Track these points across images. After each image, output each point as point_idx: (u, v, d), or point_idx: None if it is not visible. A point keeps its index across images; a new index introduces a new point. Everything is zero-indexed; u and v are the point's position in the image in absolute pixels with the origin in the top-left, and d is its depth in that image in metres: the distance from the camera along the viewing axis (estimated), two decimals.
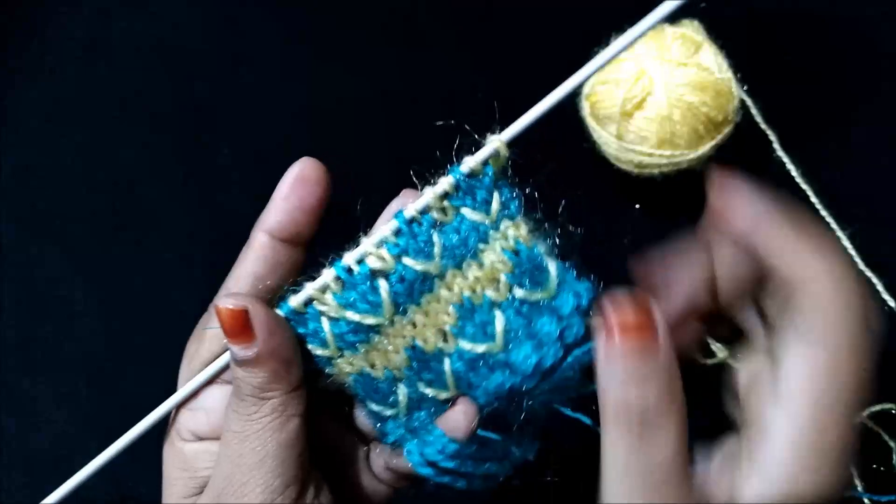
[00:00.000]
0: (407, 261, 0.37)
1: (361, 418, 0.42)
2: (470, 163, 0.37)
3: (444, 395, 0.38)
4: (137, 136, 0.77)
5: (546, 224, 0.39)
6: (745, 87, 0.70)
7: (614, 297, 0.33)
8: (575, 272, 0.39)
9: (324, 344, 0.38)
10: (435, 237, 0.37)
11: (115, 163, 0.76)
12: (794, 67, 0.74)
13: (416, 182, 0.38)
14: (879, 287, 0.65)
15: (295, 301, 0.37)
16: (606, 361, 0.32)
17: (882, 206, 0.69)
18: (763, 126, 0.72)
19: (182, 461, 0.40)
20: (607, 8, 0.76)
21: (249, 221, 0.77)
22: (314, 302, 0.37)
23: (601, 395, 0.32)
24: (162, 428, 0.42)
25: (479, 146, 0.38)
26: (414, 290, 0.37)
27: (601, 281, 0.39)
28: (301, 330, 0.38)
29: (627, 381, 0.31)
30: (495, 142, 0.37)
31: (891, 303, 0.65)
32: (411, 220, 0.37)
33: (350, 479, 0.43)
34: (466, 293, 0.38)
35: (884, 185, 0.70)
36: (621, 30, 0.66)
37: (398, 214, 0.37)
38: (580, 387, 0.38)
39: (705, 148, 0.64)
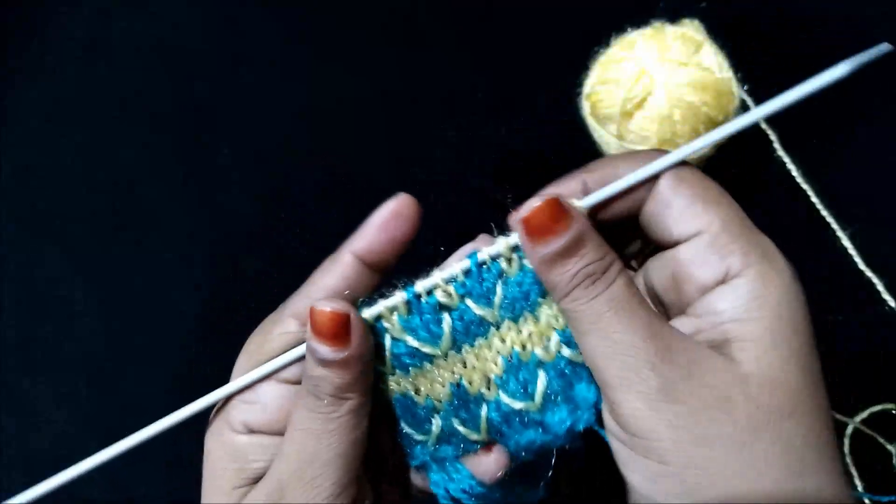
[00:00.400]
0: (469, 303, 0.39)
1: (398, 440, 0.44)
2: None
3: (474, 437, 0.40)
4: (137, 136, 0.77)
5: None
6: (745, 87, 0.70)
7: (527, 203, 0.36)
8: None
9: (381, 359, 0.40)
10: (499, 287, 0.39)
11: (115, 163, 0.76)
12: (794, 67, 0.74)
13: (492, 226, 0.40)
14: (880, 287, 0.65)
15: (367, 314, 0.39)
16: (528, 256, 0.37)
17: (882, 206, 0.69)
18: (763, 126, 0.72)
19: (233, 452, 0.40)
20: (607, 8, 0.76)
21: (249, 221, 0.77)
22: (382, 319, 0.39)
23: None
24: (176, 429, 0.42)
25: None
26: (470, 331, 0.39)
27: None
28: None
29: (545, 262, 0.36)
30: (574, 207, 0.38)
31: (891, 303, 0.65)
32: (482, 264, 0.39)
33: (390, 491, 0.45)
34: (517, 348, 0.39)
35: (884, 185, 0.70)
36: (621, 30, 0.67)
37: (472, 255, 0.39)
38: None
39: (706, 148, 0.64)
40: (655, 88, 0.63)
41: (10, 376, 0.70)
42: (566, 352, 0.39)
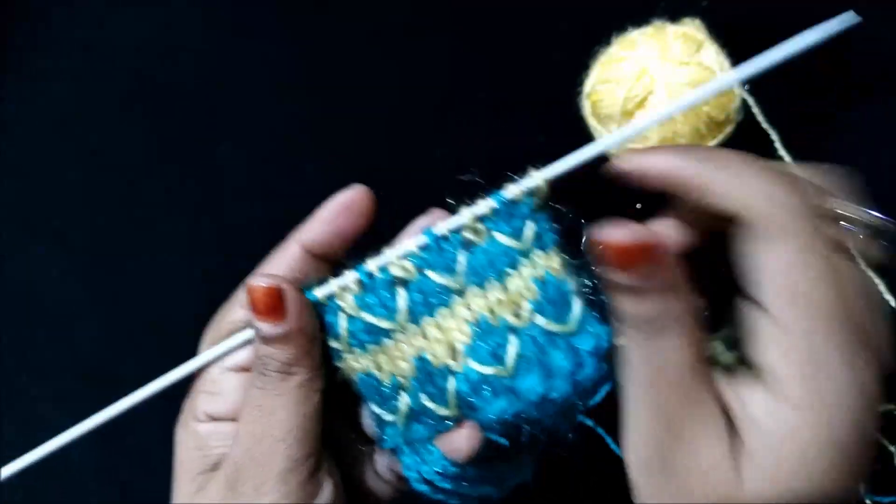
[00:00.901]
0: (429, 273, 0.38)
1: (367, 420, 0.44)
2: (512, 190, 0.39)
3: (443, 412, 0.39)
4: (137, 135, 0.77)
5: (581, 267, 0.40)
6: (746, 87, 0.70)
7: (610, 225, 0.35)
8: (598, 316, 0.39)
9: (337, 337, 0.40)
10: (461, 255, 0.38)
11: (115, 163, 0.76)
12: (795, 67, 0.74)
13: (449, 201, 0.40)
14: (880, 287, 0.65)
15: (319, 293, 0.39)
16: (609, 278, 0.34)
17: (882, 206, 0.69)
18: (765, 125, 0.72)
19: (196, 441, 0.41)
20: (607, 7, 0.76)
21: (249, 221, 0.77)
22: (335, 297, 0.39)
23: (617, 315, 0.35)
24: (166, 426, 0.43)
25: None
26: (431, 302, 0.39)
27: (601, 280, 0.39)
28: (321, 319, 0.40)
29: (631, 294, 0.34)
30: (538, 177, 0.39)
31: (892, 302, 0.65)
32: (440, 237, 0.38)
33: (356, 477, 0.44)
34: (484, 313, 0.38)
35: (884, 185, 0.70)
36: (622, 29, 0.67)
37: (428, 231, 0.39)
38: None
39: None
40: (656, 88, 0.63)
41: (10, 376, 0.69)
42: (540, 320, 0.38)
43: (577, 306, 0.39)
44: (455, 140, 0.75)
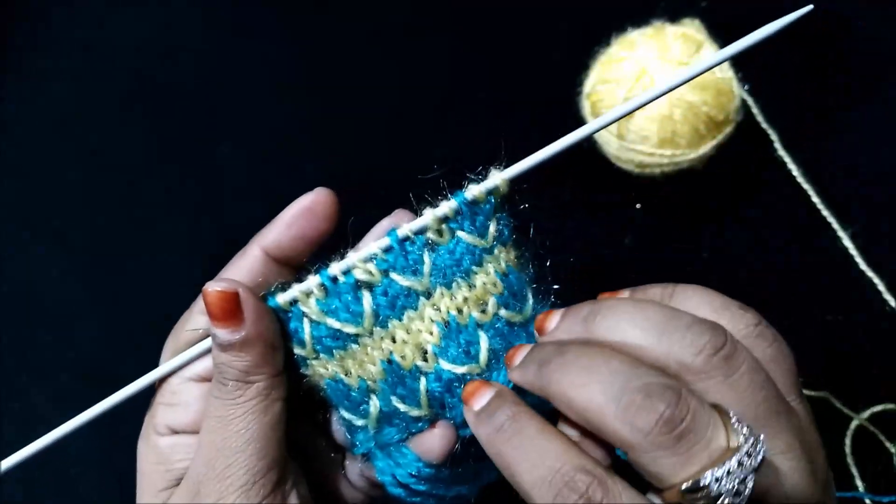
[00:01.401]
0: (394, 276, 0.38)
1: (337, 427, 0.43)
2: (474, 191, 0.38)
3: (415, 413, 0.39)
4: (137, 135, 0.77)
5: (524, 251, 0.40)
6: (745, 87, 0.70)
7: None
8: (541, 299, 0.40)
9: (302, 344, 0.39)
10: (426, 257, 0.38)
11: (115, 163, 0.76)
12: (795, 67, 0.74)
13: (413, 201, 0.39)
14: (880, 287, 0.65)
15: (281, 298, 0.38)
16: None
17: (882, 206, 0.69)
18: (764, 125, 0.72)
19: (157, 455, 0.40)
20: (607, 8, 0.76)
21: (249, 221, 0.77)
22: (298, 303, 0.38)
23: None
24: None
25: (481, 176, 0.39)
26: (397, 304, 0.38)
27: (601, 281, 0.39)
28: (285, 326, 0.39)
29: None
30: (499, 177, 0.38)
31: (891, 303, 0.65)
32: (404, 239, 0.38)
33: (327, 486, 0.43)
34: (453, 312, 0.38)
35: (884, 185, 0.70)
36: (622, 29, 0.67)
37: (391, 233, 0.38)
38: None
39: (706, 147, 0.64)
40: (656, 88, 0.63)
41: (9, 376, 0.69)
42: (503, 312, 0.38)
43: (530, 295, 0.39)
44: (455, 140, 0.75)
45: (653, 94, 0.37)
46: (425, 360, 0.38)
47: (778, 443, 0.32)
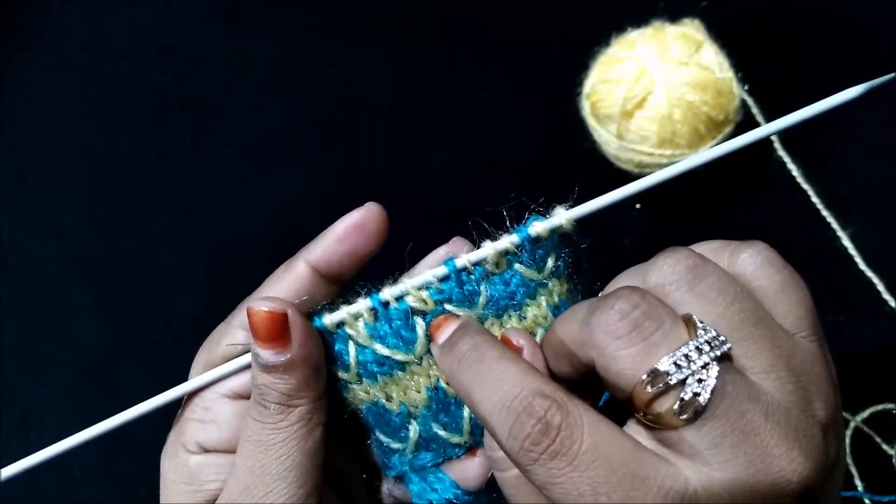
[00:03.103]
0: (449, 307, 0.37)
1: (372, 448, 0.42)
2: (538, 228, 0.37)
3: (456, 440, 0.39)
4: (137, 135, 0.77)
5: (577, 283, 0.40)
6: (745, 87, 0.70)
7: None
8: None
9: (346, 368, 0.38)
10: (483, 288, 0.37)
11: (115, 163, 0.76)
12: (795, 67, 0.74)
13: (471, 229, 0.38)
14: (880, 287, 0.65)
15: (328, 319, 0.37)
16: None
17: (882, 206, 0.69)
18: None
19: (186, 474, 0.38)
20: (607, 8, 0.76)
21: (249, 222, 0.77)
22: (345, 325, 0.37)
23: None
24: (170, 425, 0.42)
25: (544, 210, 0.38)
26: None
27: (601, 282, 0.39)
28: (329, 348, 0.39)
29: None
30: (564, 217, 0.37)
31: (891, 303, 0.65)
32: (461, 270, 0.37)
33: None
34: None
35: (884, 185, 0.70)
36: (621, 29, 0.67)
37: (449, 262, 0.37)
38: None
39: (706, 147, 0.65)
40: (655, 88, 0.63)
41: (10, 376, 0.69)
42: None
43: None
44: (455, 140, 0.75)
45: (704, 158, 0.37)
46: None
47: (758, 361, 0.30)
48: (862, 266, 0.66)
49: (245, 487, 0.36)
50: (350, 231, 0.38)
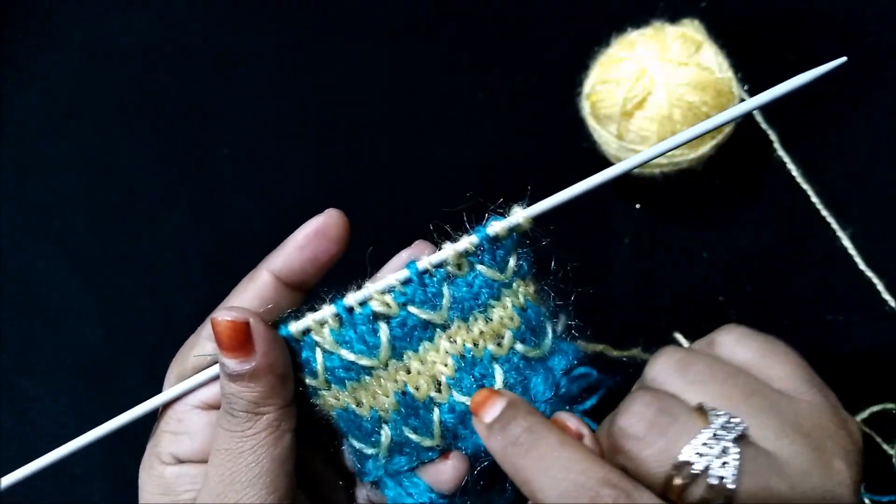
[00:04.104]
0: (412, 309, 0.37)
1: (346, 454, 0.42)
2: (497, 228, 0.38)
3: (428, 443, 0.39)
4: (137, 135, 0.77)
5: (544, 284, 0.40)
6: (745, 87, 0.70)
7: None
8: (564, 335, 0.40)
9: (314, 374, 0.38)
10: (445, 290, 0.38)
11: (115, 163, 0.76)
12: (795, 67, 0.74)
13: (432, 231, 0.38)
14: (880, 287, 0.65)
15: (294, 327, 0.38)
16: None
17: (882, 206, 0.69)
18: (764, 126, 0.72)
19: (162, 485, 0.39)
20: (607, 8, 0.76)
21: (248, 222, 0.77)
22: (311, 332, 0.38)
23: None
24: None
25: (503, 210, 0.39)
26: (413, 336, 0.38)
27: (600, 280, 0.39)
28: (296, 356, 0.39)
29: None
30: (521, 215, 0.38)
31: (891, 303, 0.65)
32: (423, 272, 0.37)
33: None
34: (469, 345, 0.38)
35: (884, 185, 0.70)
36: (621, 30, 0.67)
37: (410, 265, 0.38)
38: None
39: (706, 148, 0.64)
40: (655, 88, 0.63)
41: (9, 376, 0.69)
42: (519, 347, 0.38)
43: (549, 329, 0.39)
44: (455, 140, 0.75)
45: (684, 138, 0.37)
46: (439, 391, 0.38)
47: (766, 431, 0.32)
48: (862, 266, 0.66)
49: (217, 496, 0.36)
50: (311, 238, 0.38)
